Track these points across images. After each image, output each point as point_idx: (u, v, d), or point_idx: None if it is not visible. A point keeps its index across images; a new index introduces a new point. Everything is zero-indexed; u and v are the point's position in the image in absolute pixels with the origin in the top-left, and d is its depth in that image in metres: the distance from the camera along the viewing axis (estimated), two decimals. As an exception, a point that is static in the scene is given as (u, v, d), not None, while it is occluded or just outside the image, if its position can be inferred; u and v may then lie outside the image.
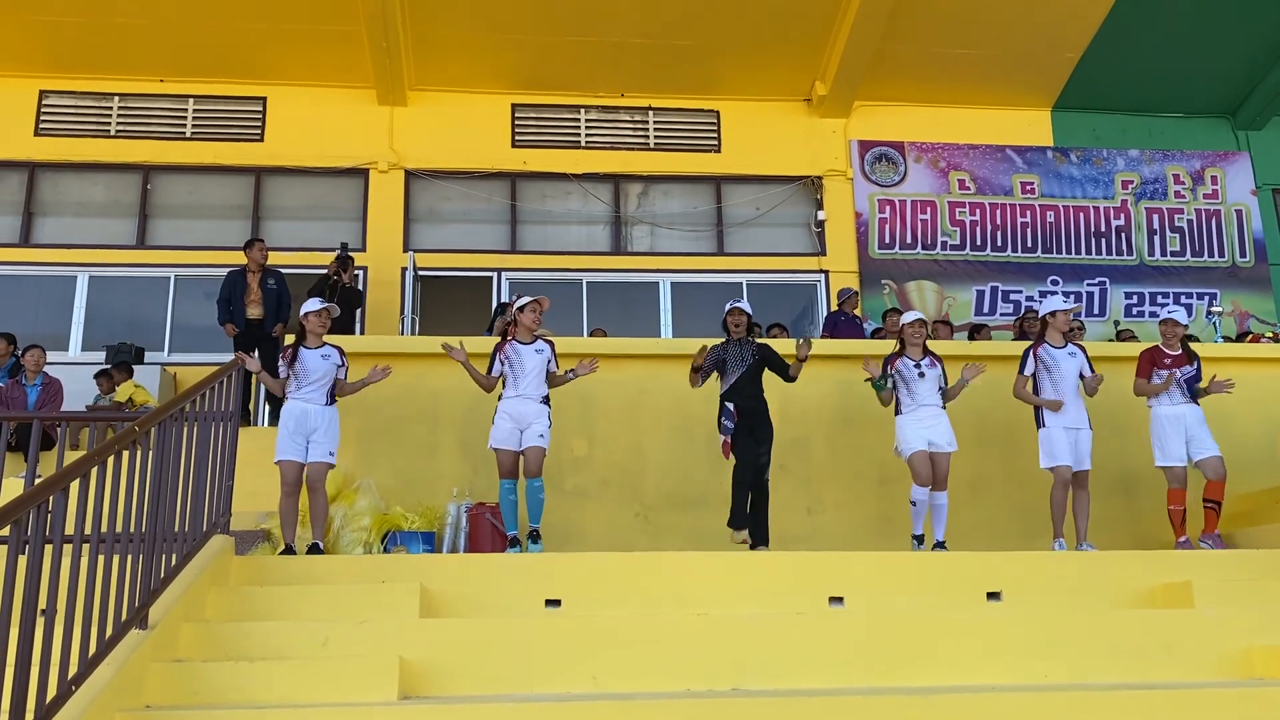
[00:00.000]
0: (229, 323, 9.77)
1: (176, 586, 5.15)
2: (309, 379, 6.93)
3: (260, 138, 12.87)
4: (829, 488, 8.41)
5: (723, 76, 13.16)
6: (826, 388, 8.59)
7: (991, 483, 8.39)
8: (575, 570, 6.09)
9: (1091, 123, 13.96)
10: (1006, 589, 6.19)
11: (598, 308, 12.76)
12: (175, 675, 4.62)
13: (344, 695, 4.60)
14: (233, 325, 9.75)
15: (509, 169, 13.11)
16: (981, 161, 13.68)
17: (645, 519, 8.26)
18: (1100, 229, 13.67)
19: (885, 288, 13.10)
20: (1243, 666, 5.37)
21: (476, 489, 8.01)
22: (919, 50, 12.85)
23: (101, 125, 12.77)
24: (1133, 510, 8.42)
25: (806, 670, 5.14)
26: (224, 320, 9.84)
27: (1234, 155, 14.09)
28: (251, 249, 10.07)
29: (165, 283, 12.35)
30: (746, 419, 7.21)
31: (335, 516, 7.46)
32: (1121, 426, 8.31)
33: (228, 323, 9.78)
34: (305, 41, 12.31)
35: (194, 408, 5.64)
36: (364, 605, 5.50)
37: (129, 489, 4.62)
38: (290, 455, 6.77)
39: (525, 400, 7.05)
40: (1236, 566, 6.63)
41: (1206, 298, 13.43)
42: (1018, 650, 5.32)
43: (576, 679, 5.03)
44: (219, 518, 6.06)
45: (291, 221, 12.73)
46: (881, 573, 6.26)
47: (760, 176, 13.39)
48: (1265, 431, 8.00)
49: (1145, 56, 13.08)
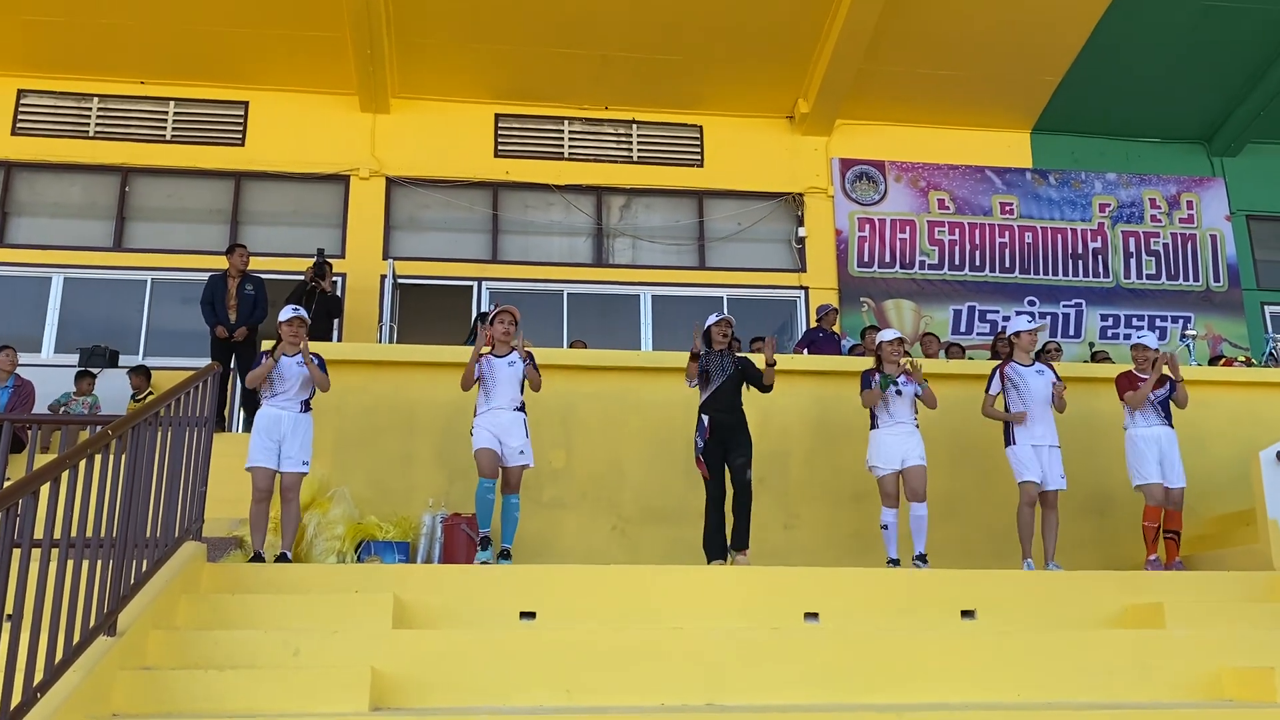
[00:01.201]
0: (219, 324, 9.71)
1: (147, 593, 5.10)
2: (284, 385, 6.89)
3: (241, 142, 12.81)
4: (806, 503, 8.42)
5: (706, 92, 13.22)
6: (804, 403, 8.62)
7: (966, 501, 8.42)
8: (550, 583, 6.07)
9: (1070, 146, 14.11)
10: (980, 607, 6.23)
11: (578, 319, 12.75)
12: (143, 683, 4.56)
13: (315, 706, 4.56)
14: (223, 327, 9.69)
15: (491, 179, 13.09)
16: (961, 182, 13.79)
17: (622, 532, 8.23)
18: (1077, 251, 13.80)
19: (864, 305, 13.17)
20: (1212, 687, 5.42)
21: (452, 500, 7.96)
22: (901, 70, 12.96)
23: (80, 126, 12.67)
24: (1105, 531, 8.47)
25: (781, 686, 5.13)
26: (212, 322, 9.77)
27: (1209, 181, 14.26)
28: (233, 254, 10.01)
29: (142, 286, 12.25)
30: (720, 433, 7.22)
31: (309, 525, 7.40)
32: (1094, 448, 8.37)
33: (218, 325, 9.71)
34: (288, 47, 12.26)
35: (168, 412, 5.58)
36: (336, 615, 5.46)
37: (100, 493, 4.57)
38: (262, 462, 6.72)
39: (499, 412, 7.05)
40: (1208, 588, 6.68)
41: (1181, 321, 13.57)
42: (991, 669, 5.34)
43: (550, 692, 5.01)
44: (191, 524, 6.00)
45: (271, 227, 12.66)
46: (857, 589, 6.28)
47: (742, 192, 13.44)
48: (1237, 454, 8.06)
49: (1124, 82, 13.25)
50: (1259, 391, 9.30)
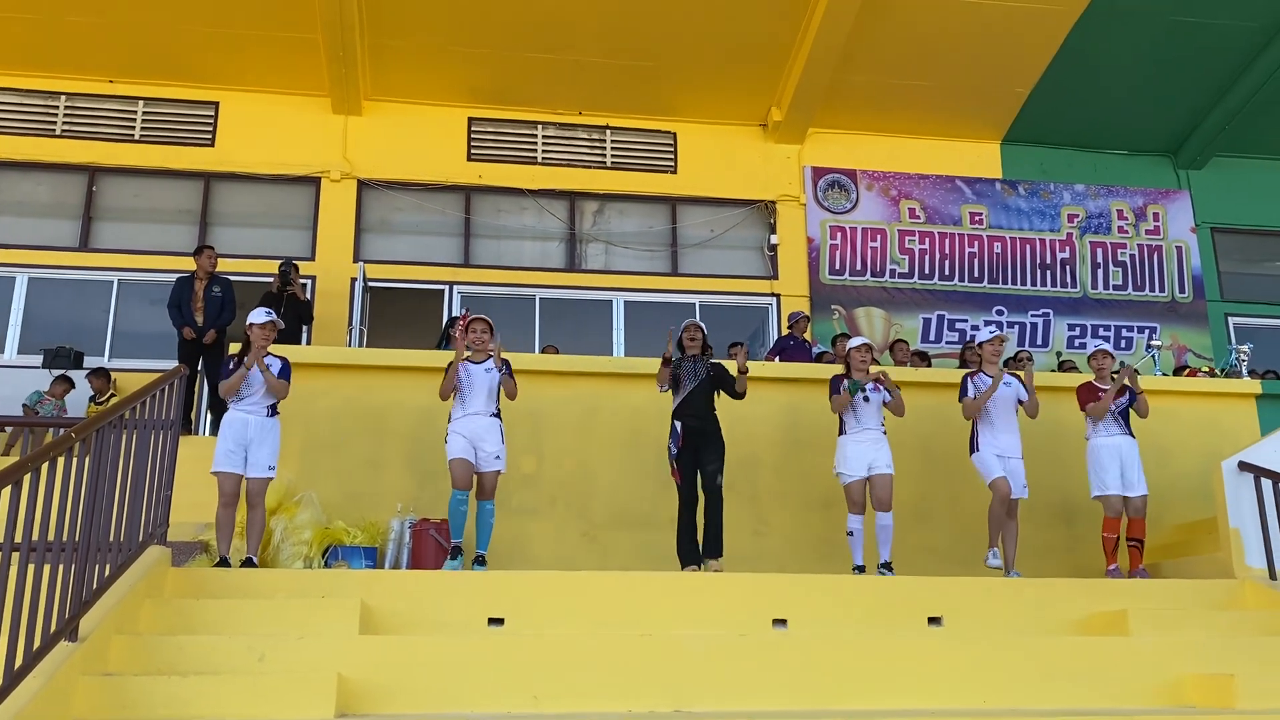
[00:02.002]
0: (186, 326, 9.61)
1: (109, 598, 5.04)
2: (250, 390, 6.83)
3: (211, 142, 12.69)
4: (775, 510, 8.44)
5: (680, 99, 13.26)
6: (774, 410, 8.65)
7: (935, 508, 8.48)
8: (519, 588, 6.05)
9: (1039, 157, 14.26)
10: (947, 614, 6.27)
11: (550, 324, 12.73)
12: (105, 689, 4.50)
13: (280, 712, 4.53)
14: (190, 328, 9.59)
15: (464, 182, 13.05)
16: (932, 191, 13.90)
17: (592, 538, 8.22)
18: (1045, 261, 13.94)
19: (835, 313, 13.24)
20: (1174, 694, 5.49)
21: (421, 504, 7.92)
22: (873, 80, 13.05)
23: (47, 125, 12.51)
24: (1071, 539, 8.55)
25: (749, 692, 5.15)
26: (179, 324, 9.67)
27: (1175, 193, 14.45)
28: (200, 255, 9.92)
29: (108, 286, 12.11)
30: (693, 439, 7.24)
31: (276, 530, 7.34)
32: (1060, 457, 8.45)
33: (185, 326, 9.61)
34: (260, 47, 12.17)
35: (134, 415, 5.52)
36: (303, 620, 5.41)
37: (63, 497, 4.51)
38: (227, 467, 6.67)
39: (475, 417, 7.03)
40: (1171, 596, 6.77)
41: (1147, 331, 13.73)
42: (957, 675, 5.38)
43: (518, 698, 5.00)
44: (156, 528, 5.94)
45: (240, 228, 12.55)
46: (825, 596, 6.30)
47: (715, 199, 13.48)
48: (1200, 464, 8.18)
49: (1092, 94, 13.41)
50: (1222, 402, 9.44)
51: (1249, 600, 6.72)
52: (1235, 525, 7.22)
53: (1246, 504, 7.19)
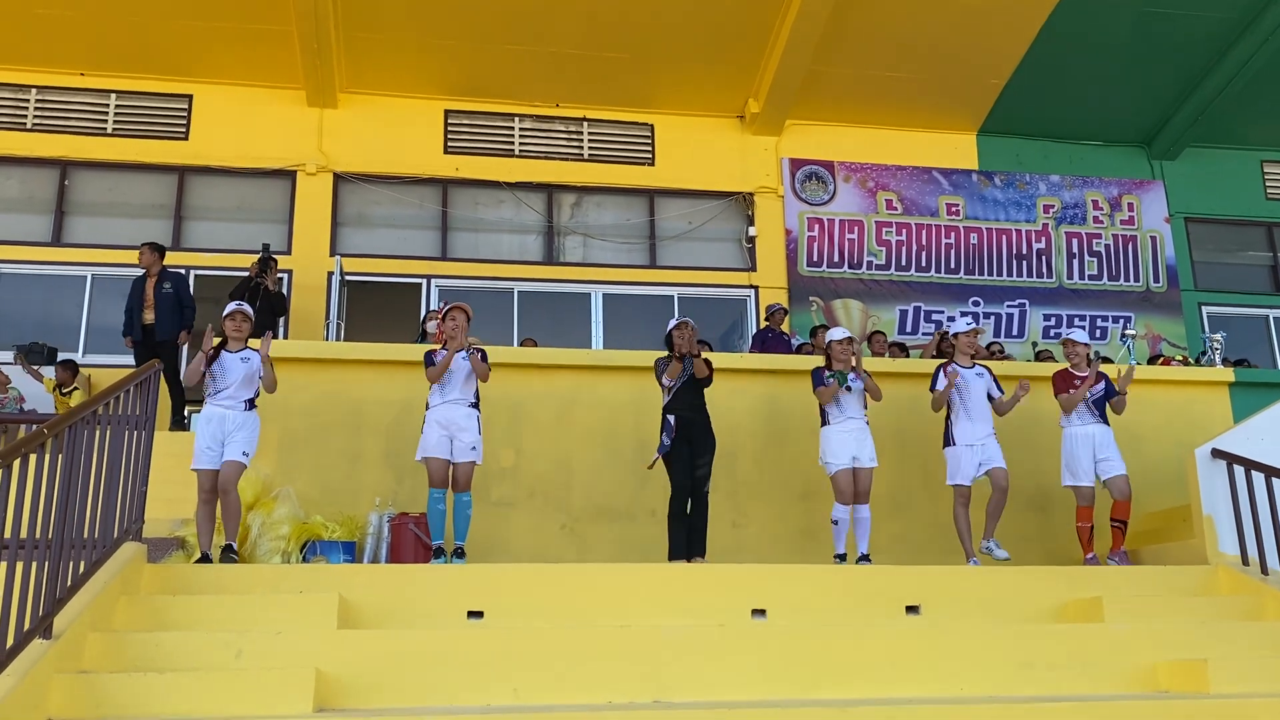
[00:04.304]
0: (128, 335, 9.51)
1: (84, 595, 5.00)
2: (226, 381, 6.77)
3: (185, 136, 12.58)
4: (754, 501, 8.47)
5: (658, 91, 13.24)
6: (753, 401, 8.67)
7: (912, 497, 8.53)
8: (498, 582, 6.05)
9: (1015, 148, 14.33)
10: (925, 603, 6.31)
11: (528, 317, 12.70)
12: (80, 687, 4.47)
13: (258, 708, 4.50)
14: (130, 338, 9.48)
15: (441, 175, 13.00)
16: (909, 183, 13.94)
17: (571, 531, 8.22)
18: (1021, 251, 14.02)
19: (813, 305, 13.27)
20: (1149, 679, 5.55)
21: (400, 499, 7.90)
22: (850, 72, 13.08)
23: (18, 118, 12.37)
24: (1046, 527, 8.62)
25: (728, 682, 5.16)
26: (126, 332, 9.57)
27: (1149, 184, 14.56)
28: (140, 253, 9.72)
29: (81, 281, 11.99)
30: (686, 430, 7.24)
31: (253, 525, 7.29)
32: (1035, 444, 8.51)
33: (127, 335, 9.51)
34: (234, 39, 12.06)
35: (107, 410, 5.48)
36: (280, 616, 5.39)
37: (35, 493, 4.47)
38: (206, 464, 6.61)
39: (454, 405, 7.00)
40: (1145, 583, 6.83)
41: (1121, 321, 13.85)
42: (935, 664, 5.41)
43: (497, 691, 4.99)
44: (131, 524, 5.89)
45: (215, 222, 12.46)
46: (803, 586, 6.33)
47: (693, 191, 13.48)
48: (1174, 451, 8.25)
49: (1067, 85, 13.49)
50: (1196, 390, 9.54)
51: (1222, 586, 6.80)
52: (1209, 512, 7.29)
53: (1220, 491, 7.25)
